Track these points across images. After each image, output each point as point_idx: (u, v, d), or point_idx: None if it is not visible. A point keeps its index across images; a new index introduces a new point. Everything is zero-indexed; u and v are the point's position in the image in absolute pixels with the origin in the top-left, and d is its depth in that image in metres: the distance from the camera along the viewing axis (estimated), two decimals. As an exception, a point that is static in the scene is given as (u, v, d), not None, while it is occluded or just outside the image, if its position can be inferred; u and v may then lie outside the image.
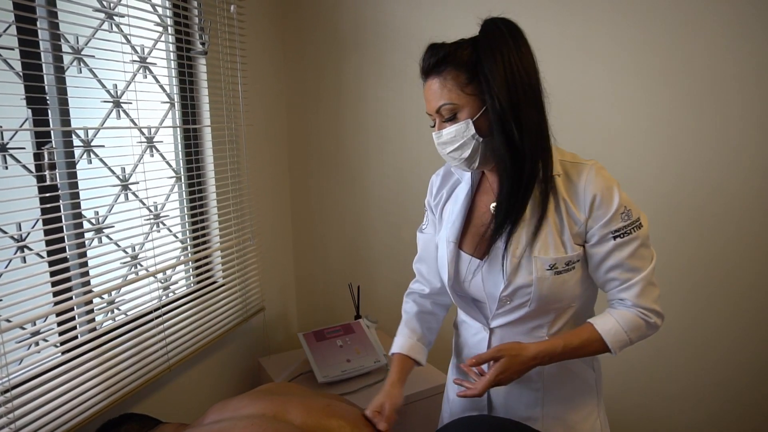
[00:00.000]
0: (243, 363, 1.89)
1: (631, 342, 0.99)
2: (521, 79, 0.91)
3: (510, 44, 0.91)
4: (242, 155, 1.78)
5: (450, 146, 0.98)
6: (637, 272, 0.98)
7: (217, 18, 1.64)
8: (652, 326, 1.00)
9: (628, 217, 0.96)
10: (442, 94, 0.95)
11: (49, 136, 1.17)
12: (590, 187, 0.96)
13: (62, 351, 1.19)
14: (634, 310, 0.99)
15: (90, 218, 1.31)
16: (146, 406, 1.42)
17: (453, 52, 0.95)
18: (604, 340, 0.98)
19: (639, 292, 0.98)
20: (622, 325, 0.98)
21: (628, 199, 0.97)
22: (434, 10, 1.86)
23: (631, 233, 0.96)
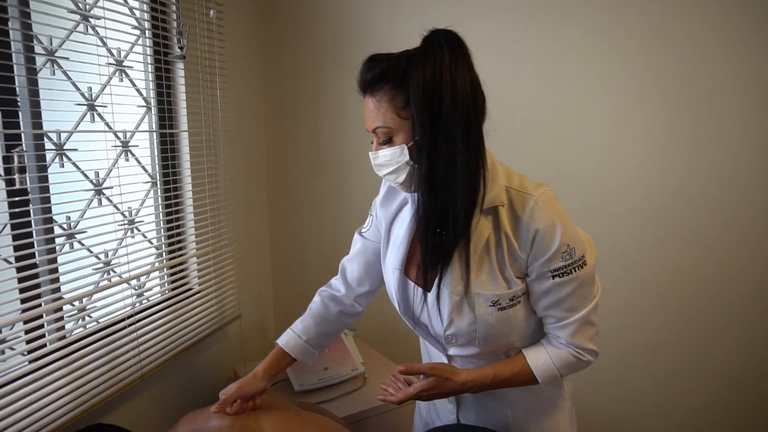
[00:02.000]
0: (219, 371, 1.86)
1: (561, 377, 1.00)
2: (448, 98, 0.82)
3: (445, 59, 0.83)
4: (220, 161, 1.76)
5: (385, 169, 0.93)
6: (573, 312, 0.95)
7: (196, 22, 1.62)
8: (584, 362, 0.99)
9: (570, 256, 0.91)
10: (377, 115, 0.89)
11: (20, 138, 1.14)
12: (532, 222, 0.89)
13: (30, 359, 1.15)
14: (567, 349, 0.98)
15: (62, 223, 1.28)
16: (117, 416, 1.38)
17: (390, 69, 0.88)
18: (534, 375, 0.98)
19: (573, 332, 0.96)
20: (554, 361, 0.98)
21: (574, 236, 0.92)
22: (412, 17, 1.87)
23: (572, 273, 0.92)
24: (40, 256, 1.18)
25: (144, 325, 1.45)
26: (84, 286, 1.28)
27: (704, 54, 1.58)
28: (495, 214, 0.93)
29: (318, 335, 1.19)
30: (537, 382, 0.98)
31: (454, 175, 0.86)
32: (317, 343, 1.20)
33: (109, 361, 1.32)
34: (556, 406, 1.09)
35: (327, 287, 1.25)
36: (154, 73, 1.56)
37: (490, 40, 1.79)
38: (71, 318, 1.29)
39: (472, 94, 0.85)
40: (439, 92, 0.82)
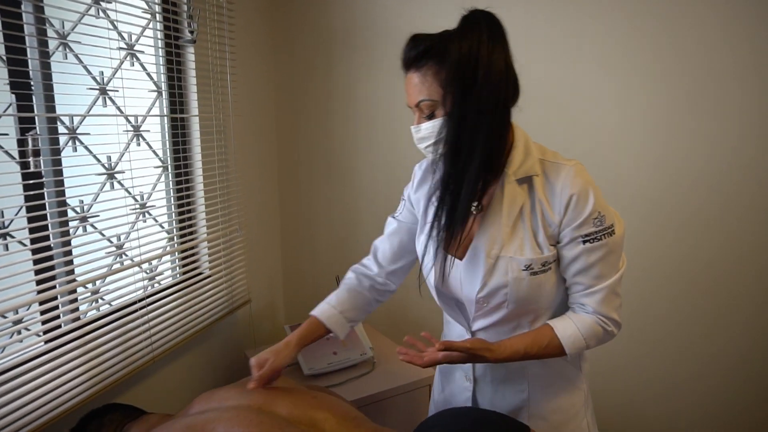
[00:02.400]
0: (229, 355, 1.88)
1: (588, 347, 1.01)
2: (481, 76, 0.87)
3: (483, 38, 0.87)
4: (230, 146, 1.77)
5: (427, 141, 0.97)
6: (601, 279, 0.97)
7: (206, 6, 1.62)
8: (609, 334, 1.00)
9: (600, 223, 0.95)
10: (421, 89, 0.94)
11: (34, 122, 1.15)
12: (567, 188, 0.95)
13: (45, 340, 1.18)
14: (593, 317, 0.99)
15: (74, 207, 1.30)
16: (130, 396, 1.41)
17: (434, 46, 0.92)
18: (563, 345, 0.99)
19: (601, 300, 0.98)
20: (581, 331, 0.99)
21: (605, 205, 0.96)
22: (425, 3, 1.85)
23: (601, 239, 0.95)
24: (54, 239, 1.19)
25: (155, 308, 1.47)
26: (97, 269, 1.29)
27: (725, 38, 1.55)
28: (530, 184, 0.98)
29: (352, 308, 1.21)
30: (564, 354, 0.99)
31: (475, 146, 0.91)
32: (352, 316, 1.21)
33: (122, 343, 1.34)
34: (572, 384, 1.10)
35: (360, 265, 1.27)
36: (165, 58, 1.56)
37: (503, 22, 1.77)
38: (84, 300, 1.31)
39: (506, 74, 0.90)
40: (474, 66, 0.87)
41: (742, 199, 1.61)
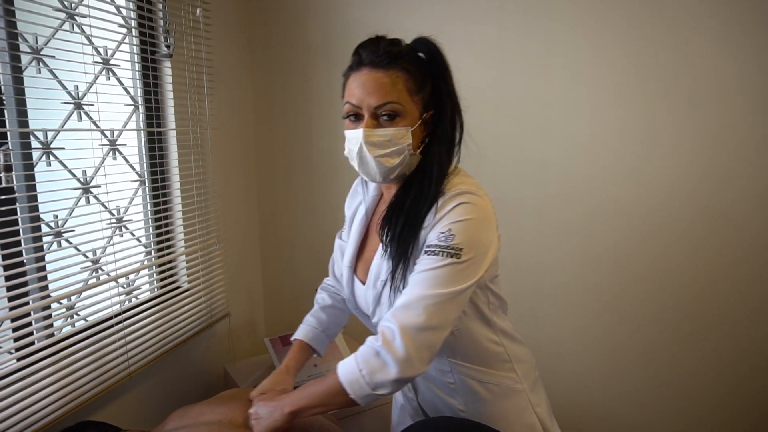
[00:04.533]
0: (208, 369, 1.87)
1: (369, 386, 0.86)
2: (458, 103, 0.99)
3: (449, 67, 0.97)
4: (208, 159, 1.77)
5: (381, 149, 0.92)
6: (413, 288, 0.89)
7: (182, 21, 1.62)
8: (382, 356, 0.86)
9: (445, 239, 0.88)
10: (391, 91, 0.90)
11: (6, 137, 1.14)
12: (440, 211, 0.91)
13: (18, 357, 1.16)
14: (371, 338, 0.89)
15: (49, 222, 1.28)
16: (106, 414, 1.39)
17: (407, 53, 0.94)
18: (342, 384, 0.87)
19: (396, 306, 0.89)
20: (357, 357, 0.88)
21: (467, 227, 0.89)
22: (400, 15, 1.88)
23: (439, 255, 0.88)
24: (27, 255, 1.18)
25: (132, 323, 1.45)
26: (72, 284, 1.28)
27: (693, 47, 1.59)
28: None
29: (332, 324, 1.24)
30: (347, 396, 0.87)
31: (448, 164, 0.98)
32: (332, 332, 1.24)
33: (98, 359, 1.32)
34: (509, 388, 1.07)
35: (325, 283, 1.30)
36: (141, 72, 1.56)
37: (476, 38, 1.80)
38: (59, 316, 1.30)
39: None
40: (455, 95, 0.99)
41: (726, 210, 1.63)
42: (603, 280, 1.81)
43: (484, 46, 1.80)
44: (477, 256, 0.90)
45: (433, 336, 0.87)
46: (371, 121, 0.92)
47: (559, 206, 1.81)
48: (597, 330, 1.84)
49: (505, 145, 1.83)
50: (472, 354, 1.04)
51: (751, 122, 1.57)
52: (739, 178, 1.61)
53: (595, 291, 1.83)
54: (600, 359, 1.85)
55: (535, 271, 1.88)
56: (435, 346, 0.87)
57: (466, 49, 1.82)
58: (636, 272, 1.77)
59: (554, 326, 1.88)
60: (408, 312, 0.87)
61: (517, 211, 1.86)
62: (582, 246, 1.82)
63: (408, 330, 0.85)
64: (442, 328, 0.88)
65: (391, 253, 0.95)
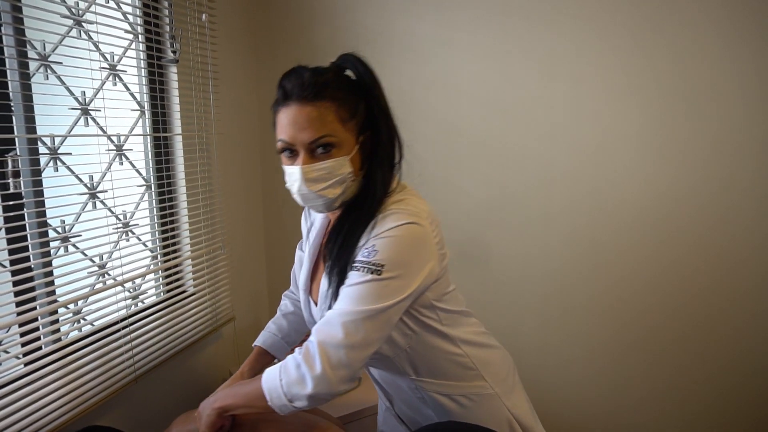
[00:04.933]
0: (213, 373, 1.87)
1: (285, 396, 0.86)
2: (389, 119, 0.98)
3: (381, 86, 0.97)
4: (213, 164, 1.77)
5: (321, 183, 0.92)
6: (338, 303, 0.88)
7: (188, 26, 1.63)
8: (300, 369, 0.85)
9: (368, 255, 0.88)
10: (322, 125, 0.90)
11: (14, 143, 1.15)
12: (374, 229, 0.91)
13: (25, 362, 1.16)
14: (296, 349, 0.89)
15: (56, 227, 1.29)
16: (112, 418, 1.39)
17: (334, 80, 0.93)
18: (263, 390, 0.88)
19: (320, 321, 0.89)
20: (280, 370, 0.88)
21: (392, 244, 0.88)
22: (405, 18, 1.88)
23: (361, 270, 0.87)
24: (35, 260, 1.18)
25: (139, 328, 1.46)
26: (79, 289, 1.28)
27: (699, 49, 1.59)
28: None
29: (292, 331, 1.26)
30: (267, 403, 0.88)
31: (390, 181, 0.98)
32: (292, 339, 1.26)
33: (104, 363, 1.33)
34: (479, 395, 1.05)
35: (289, 291, 1.32)
36: (148, 77, 1.57)
37: (480, 38, 1.80)
38: (66, 321, 1.30)
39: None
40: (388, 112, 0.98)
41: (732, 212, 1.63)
42: (609, 284, 1.80)
43: (489, 49, 1.81)
44: (402, 275, 0.87)
45: (352, 354, 0.85)
46: (307, 157, 0.92)
47: (564, 210, 1.81)
48: (604, 335, 1.84)
49: (511, 149, 1.83)
50: (435, 369, 1.03)
51: (759, 125, 1.57)
52: (746, 182, 1.61)
53: (602, 295, 1.82)
54: (606, 364, 1.85)
55: (540, 275, 1.88)
56: (353, 364, 0.86)
57: (471, 53, 1.82)
58: (642, 276, 1.76)
59: (560, 331, 1.88)
60: (328, 328, 0.86)
61: (523, 215, 1.85)
62: (588, 250, 1.81)
63: (326, 347, 0.85)
64: (363, 347, 0.86)
65: (330, 274, 0.96)
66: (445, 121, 1.87)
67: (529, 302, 1.90)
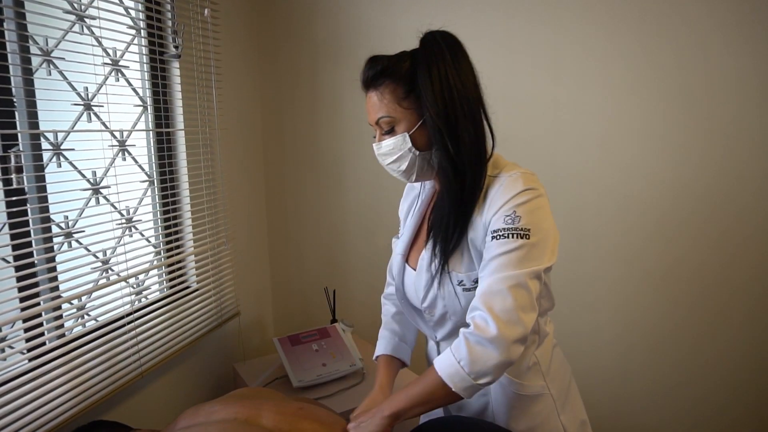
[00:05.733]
0: (217, 369, 1.87)
1: (470, 376, 0.86)
2: (458, 93, 0.92)
3: (447, 58, 0.92)
4: (216, 159, 1.77)
5: (389, 158, 1.00)
6: (495, 272, 0.89)
7: (190, 21, 1.63)
8: (480, 344, 0.85)
9: (512, 221, 0.89)
10: (380, 107, 0.97)
11: (17, 138, 1.15)
12: (498, 196, 0.93)
13: (29, 358, 1.16)
14: (462, 330, 0.89)
15: (59, 222, 1.29)
16: (117, 413, 1.39)
17: (391, 65, 0.96)
18: (439, 374, 0.88)
19: (482, 292, 0.88)
20: (455, 356, 0.87)
21: (531, 209, 0.90)
22: (408, 13, 1.88)
23: (508, 237, 0.89)
24: (38, 255, 1.18)
25: (143, 323, 1.46)
26: (83, 284, 1.28)
27: (704, 44, 1.58)
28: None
29: (404, 332, 1.23)
30: (450, 390, 0.88)
31: (478, 151, 0.95)
32: (408, 339, 1.23)
33: (109, 359, 1.33)
34: (535, 392, 1.05)
35: (387, 293, 1.28)
36: (150, 73, 1.56)
37: (485, 34, 1.79)
38: (70, 317, 1.30)
39: (475, 83, 0.96)
40: (448, 86, 0.91)
41: (736, 208, 1.62)
42: (615, 280, 1.80)
43: (493, 45, 1.80)
44: (545, 237, 0.91)
45: (524, 316, 0.86)
46: (379, 135, 1.01)
47: (570, 206, 1.80)
48: (609, 334, 1.83)
49: (515, 144, 1.81)
50: None
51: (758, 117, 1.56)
52: (754, 177, 1.60)
53: (606, 294, 1.82)
54: (613, 360, 1.84)
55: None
56: (527, 326, 0.87)
57: (475, 48, 1.80)
58: (647, 274, 1.76)
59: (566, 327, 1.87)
60: (495, 297, 0.87)
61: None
62: (592, 247, 1.81)
63: (499, 313, 0.86)
64: (532, 308, 0.88)
65: (434, 250, 0.99)
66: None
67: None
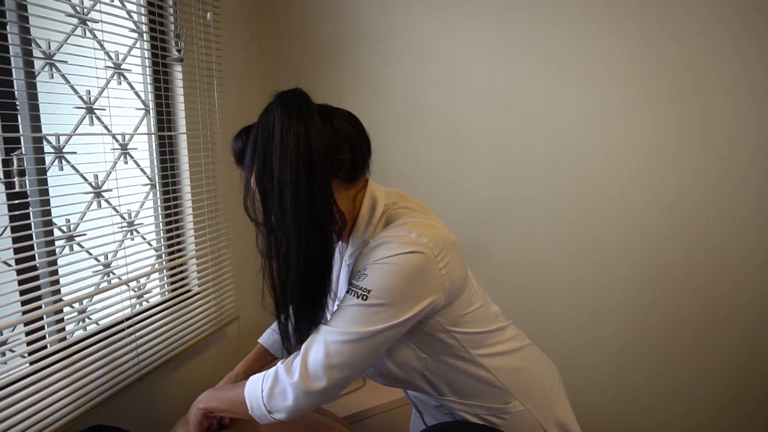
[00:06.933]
0: (218, 372, 1.87)
1: (265, 407, 0.87)
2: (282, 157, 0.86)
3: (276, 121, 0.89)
4: (218, 162, 1.77)
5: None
6: (330, 321, 0.87)
7: (193, 25, 1.63)
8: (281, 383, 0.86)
9: (357, 278, 0.86)
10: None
11: (19, 142, 1.15)
12: (370, 256, 0.88)
13: (30, 361, 1.16)
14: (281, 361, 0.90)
15: (61, 225, 1.29)
16: (117, 417, 1.39)
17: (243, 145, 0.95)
18: (243, 395, 0.90)
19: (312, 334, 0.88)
20: (263, 380, 0.89)
21: (384, 274, 0.84)
22: (409, 15, 1.88)
23: (350, 293, 0.87)
24: (40, 259, 1.18)
25: (144, 327, 1.46)
26: (84, 288, 1.28)
27: (707, 46, 1.58)
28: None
29: None
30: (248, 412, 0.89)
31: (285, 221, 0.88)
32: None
33: (109, 362, 1.33)
34: (510, 414, 1.02)
35: None
36: (152, 76, 1.57)
37: (485, 34, 1.80)
38: (71, 320, 1.30)
39: (307, 147, 0.86)
40: (268, 149, 0.86)
41: (739, 212, 1.62)
42: (614, 281, 1.79)
43: (493, 47, 1.80)
44: (391, 303, 0.84)
45: (331, 373, 0.84)
46: None
47: (569, 207, 1.80)
48: (611, 338, 1.83)
49: (516, 146, 1.82)
50: (458, 389, 1.00)
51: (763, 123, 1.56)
52: (751, 178, 1.60)
53: (607, 292, 1.81)
54: (612, 361, 1.84)
55: (546, 276, 1.87)
56: (332, 383, 0.84)
57: (476, 50, 1.81)
58: (648, 273, 1.76)
59: (566, 327, 1.87)
60: (313, 344, 0.86)
61: (528, 212, 1.85)
62: (594, 251, 1.81)
63: (307, 362, 0.85)
64: (342, 368, 0.84)
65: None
66: (448, 119, 1.87)
67: (534, 304, 1.89)
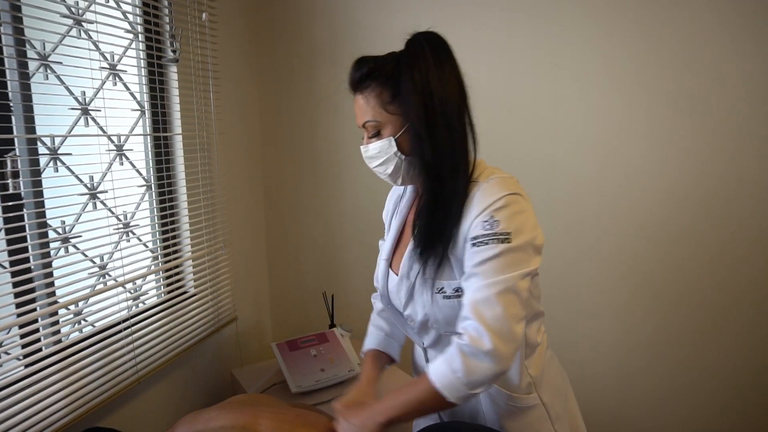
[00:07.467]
0: (215, 374, 1.86)
1: (465, 385, 0.86)
2: (438, 99, 0.90)
3: (430, 62, 0.90)
4: (214, 163, 1.77)
5: (375, 161, 1.00)
6: (480, 280, 0.88)
7: (188, 25, 1.62)
8: (475, 356, 0.85)
9: (490, 227, 0.88)
10: (366, 110, 0.97)
11: (13, 143, 1.14)
12: (475, 203, 0.91)
13: (25, 364, 1.15)
14: (456, 339, 0.89)
15: (56, 227, 1.28)
16: (114, 420, 1.38)
17: (377, 68, 0.95)
18: (433, 384, 0.88)
19: (471, 303, 0.87)
20: (448, 360, 0.87)
21: (510, 214, 0.89)
22: (405, 16, 1.88)
23: (488, 243, 0.88)
24: (34, 261, 1.18)
25: (140, 329, 1.45)
26: (79, 290, 1.28)
27: (709, 46, 1.58)
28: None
29: (392, 329, 1.21)
30: (444, 399, 0.87)
31: (457, 159, 0.93)
32: (396, 335, 1.21)
33: (106, 364, 1.32)
34: (526, 404, 1.04)
35: (376, 293, 1.27)
36: (148, 77, 1.56)
37: (484, 36, 1.80)
38: (67, 322, 1.29)
39: (459, 88, 0.94)
40: (429, 91, 0.90)
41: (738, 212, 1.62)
42: (616, 285, 1.79)
43: (492, 46, 1.80)
44: (528, 241, 0.90)
45: (515, 325, 0.86)
46: (366, 138, 1.01)
47: (569, 207, 1.81)
48: (611, 338, 1.83)
49: (514, 145, 1.82)
50: None
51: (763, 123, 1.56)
52: (751, 179, 1.60)
53: (608, 296, 1.81)
54: (613, 362, 1.84)
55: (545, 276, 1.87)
56: (518, 333, 0.87)
57: (474, 49, 1.81)
58: (651, 277, 1.76)
59: (566, 329, 1.87)
60: (483, 305, 0.87)
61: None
62: (594, 250, 1.81)
63: (491, 324, 0.85)
64: (520, 314, 0.88)
65: (415, 254, 0.97)
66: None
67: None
